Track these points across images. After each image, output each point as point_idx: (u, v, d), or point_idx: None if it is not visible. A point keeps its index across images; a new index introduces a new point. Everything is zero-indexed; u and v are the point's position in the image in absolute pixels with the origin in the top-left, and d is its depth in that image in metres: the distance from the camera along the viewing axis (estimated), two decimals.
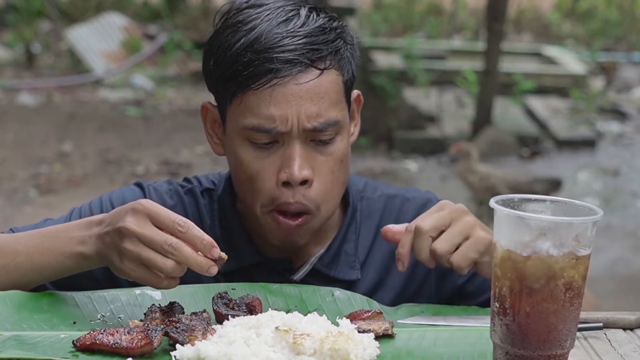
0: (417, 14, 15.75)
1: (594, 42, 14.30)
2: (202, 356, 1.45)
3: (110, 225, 1.60)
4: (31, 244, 1.68)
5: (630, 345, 1.61)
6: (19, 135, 9.30)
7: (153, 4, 15.51)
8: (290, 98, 1.74)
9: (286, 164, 1.75)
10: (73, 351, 1.49)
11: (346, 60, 1.81)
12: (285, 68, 1.73)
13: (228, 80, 1.77)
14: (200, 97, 11.14)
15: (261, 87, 1.74)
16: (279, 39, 1.74)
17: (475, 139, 9.13)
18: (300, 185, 1.76)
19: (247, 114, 1.76)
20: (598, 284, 5.98)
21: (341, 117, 1.79)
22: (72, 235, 1.65)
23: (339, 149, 1.79)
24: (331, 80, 1.77)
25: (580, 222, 1.40)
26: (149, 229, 1.56)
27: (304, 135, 1.75)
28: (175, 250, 1.55)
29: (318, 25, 1.78)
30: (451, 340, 1.59)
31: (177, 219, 1.56)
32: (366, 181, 2.02)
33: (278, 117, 1.74)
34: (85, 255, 1.64)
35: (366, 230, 1.94)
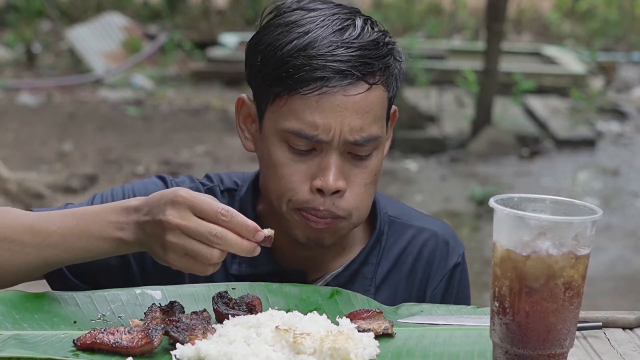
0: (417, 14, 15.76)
1: (594, 42, 14.31)
2: (202, 355, 1.45)
3: (150, 215, 1.59)
4: (65, 225, 1.65)
5: (629, 345, 1.62)
6: (19, 135, 9.30)
7: (153, 4, 15.52)
8: (337, 109, 1.72)
9: (322, 172, 1.74)
10: (73, 350, 1.49)
11: (394, 77, 1.80)
12: (336, 78, 1.71)
13: (274, 80, 1.75)
14: (200, 97, 11.15)
15: (309, 93, 1.72)
16: (334, 47, 1.72)
17: (475, 139, 9.14)
18: (333, 194, 1.75)
19: (290, 117, 1.74)
20: (598, 283, 5.98)
21: (381, 132, 1.78)
22: (110, 220, 1.63)
23: (374, 164, 1.79)
24: (378, 96, 1.76)
25: (579, 222, 1.40)
26: (191, 221, 1.55)
27: (343, 147, 1.74)
28: (221, 239, 1.55)
29: (372, 39, 1.76)
30: (451, 340, 1.59)
31: (219, 208, 1.56)
32: (400, 206, 2.01)
33: (321, 126, 1.72)
34: (124, 241, 1.63)
35: (389, 255, 1.92)
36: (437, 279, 1.92)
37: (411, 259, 1.93)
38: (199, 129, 9.78)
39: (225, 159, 8.65)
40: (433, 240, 1.94)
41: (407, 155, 8.90)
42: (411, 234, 1.95)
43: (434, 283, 1.92)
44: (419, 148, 9.03)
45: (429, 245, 1.94)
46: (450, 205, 7.66)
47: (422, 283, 1.92)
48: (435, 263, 1.93)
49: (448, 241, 1.95)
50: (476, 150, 9.04)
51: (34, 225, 1.67)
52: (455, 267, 1.94)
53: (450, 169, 8.69)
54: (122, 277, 1.84)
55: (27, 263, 1.67)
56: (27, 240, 1.66)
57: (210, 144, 9.18)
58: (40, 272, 1.72)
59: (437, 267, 1.93)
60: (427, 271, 1.93)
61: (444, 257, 1.94)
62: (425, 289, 1.92)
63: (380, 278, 1.90)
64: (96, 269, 1.82)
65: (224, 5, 15.78)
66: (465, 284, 1.97)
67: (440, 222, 2.00)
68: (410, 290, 1.91)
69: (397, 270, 1.92)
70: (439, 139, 9.21)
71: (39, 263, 1.67)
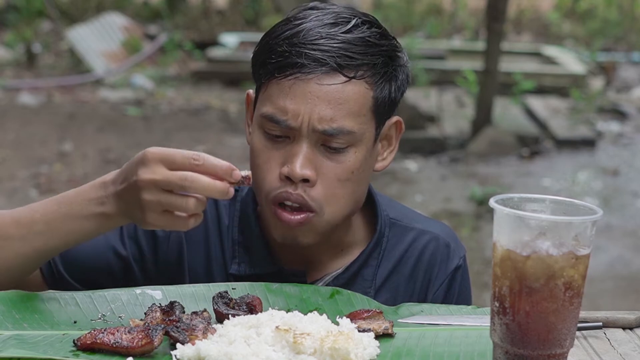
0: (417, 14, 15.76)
1: (594, 42, 14.31)
2: (202, 355, 1.45)
3: (126, 181, 1.59)
4: (48, 211, 1.65)
5: (629, 345, 1.62)
6: (19, 135, 9.30)
7: (153, 4, 15.52)
8: (308, 95, 1.73)
9: (290, 159, 1.74)
10: (74, 350, 1.49)
11: (382, 78, 1.78)
12: (311, 65, 1.72)
13: (261, 66, 1.79)
14: (200, 97, 11.15)
15: (284, 78, 1.74)
16: (317, 37, 1.74)
17: (475, 139, 9.14)
18: (302, 182, 1.75)
19: (266, 102, 1.77)
20: (598, 283, 5.98)
21: (358, 129, 1.76)
22: (90, 197, 1.62)
23: (350, 160, 1.77)
24: (357, 91, 1.75)
25: (579, 222, 1.40)
26: (163, 173, 1.56)
27: (314, 137, 1.74)
28: (192, 182, 1.54)
29: (362, 36, 1.76)
30: (451, 340, 1.59)
31: (189, 154, 1.56)
32: (401, 208, 2.00)
33: (291, 111, 1.73)
34: (106, 215, 1.62)
35: (390, 257, 1.92)
36: (438, 282, 1.92)
37: (412, 261, 1.92)
38: (199, 129, 9.78)
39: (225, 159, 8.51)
40: (434, 243, 1.94)
41: (407, 155, 8.90)
42: (412, 236, 1.94)
43: (435, 286, 1.92)
44: (419, 148, 9.03)
45: (430, 248, 1.93)
46: (450, 205, 7.66)
47: (423, 286, 1.92)
48: (436, 266, 1.93)
49: (449, 244, 1.95)
50: (476, 150, 9.04)
51: (18, 218, 1.67)
52: (456, 269, 1.94)
53: (450, 169, 8.68)
54: (124, 279, 1.84)
55: (16, 255, 1.67)
56: (12, 233, 1.66)
57: (210, 144, 9.18)
58: (34, 263, 1.71)
59: (438, 270, 1.93)
60: (428, 274, 1.92)
61: (445, 260, 1.93)
62: (427, 292, 1.92)
63: (381, 280, 1.90)
64: (97, 273, 1.83)
65: (224, 5, 15.79)
66: (467, 286, 1.97)
67: (441, 225, 2.00)
68: (410, 293, 1.91)
69: (398, 272, 1.91)
70: (439, 139, 9.21)
71: (29, 253, 1.66)
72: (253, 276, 1.84)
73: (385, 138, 1.87)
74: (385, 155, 1.89)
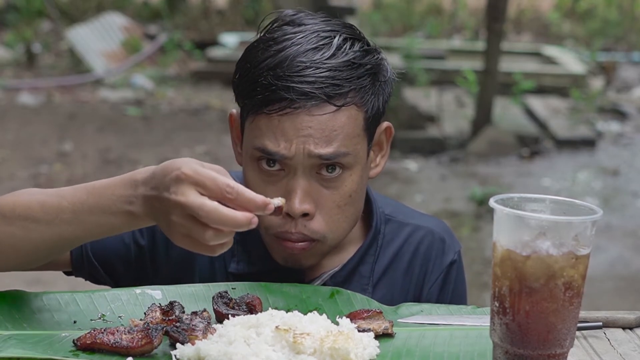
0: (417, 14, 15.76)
1: (594, 42, 14.31)
2: (202, 355, 1.45)
3: (156, 190, 1.51)
4: (77, 200, 1.59)
5: (629, 345, 1.62)
6: (19, 135, 9.30)
7: (153, 4, 15.52)
8: (300, 128, 1.71)
9: (288, 196, 1.72)
10: (73, 350, 1.49)
11: (371, 97, 1.76)
12: (300, 100, 1.70)
13: (246, 97, 1.76)
14: (200, 97, 11.16)
15: (273, 112, 1.71)
16: (301, 68, 1.70)
17: (475, 139, 9.14)
18: (302, 217, 1.74)
19: (257, 135, 1.74)
20: (598, 283, 5.98)
21: (352, 150, 1.75)
22: (119, 194, 1.56)
23: (347, 185, 1.76)
24: (349, 116, 1.73)
25: (579, 222, 1.40)
26: (190, 198, 1.46)
27: (309, 167, 1.73)
28: (208, 214, 1.44)
29: (347, 59, 1.73)
30: (451, 340, 1.59)
31: (224, 185, 1.46)
32: (396, 205, 2.00)
33: (283, 144, 1.71)
34: (134, 215, 1.56)
35: (386, 253, 1.93)
36: (434, 276, 1.93)
37: (408, 256, 1.93)
38: (199, 129, 9.79)
39: (225, 159, 8.65)
40: (429, 237, 1.95)
41: (407, 155, 8.90)
42: (407, 232, 1.95)
43: (431, 280, 1.93)
44: (419, 148, 9.03)
45: (425, 242, 1.94)
46: (450, 205, 7.66)
47: (419, 281, 1.93)
48: (431, 260, 1.94)
49: (444, 238, 1.96)
50: (476, 150, 9.04)
51: (46, 202, 1.62)
52: (451, 264, 1.95)
53: (450, 169, 8.68)
54: (136, 268, 1.86)
55: (42, 240, 1.63)
56: (40, 217, 1.62)
57: (210, 144, 9.19)
58: (60, 249, 1.67)
59: (433, 265, 1.94)
60: (424, 269, 1.93)
61: (440, 255, 1.94)
62: (422, 286, 1.93)
63: (378, 276, 1.91)
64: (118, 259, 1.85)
65: (224, 5, 15.79)
66: (462, 281, 1.98)
67: (436, 220, 2.01)
68: (407, 288, 1.92)
69: (394, 268, 1.92)
70: (439, 139, 9.21)
71: (55, 239, 1.62)
72: (251, 274, 1.85)
73: (376, 144, 1.87)
74: (378, 160, 1.89)
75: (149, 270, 1.87)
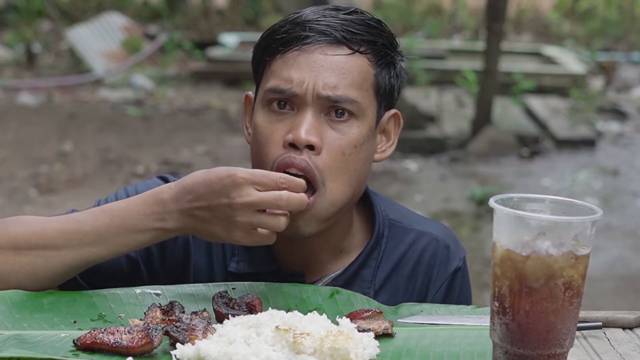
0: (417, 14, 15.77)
1: (594, 42, 14.31)
2: (202, 355, 1.45)
3: (203, 200, 1.65)
4: (100, 224, 1.69)
5: (629, 345, 1.62)
6: (19, 135, 9.30)
7: (153, 4, 15.52)
8: (313, 64, 1.76)
9: (295, 127, 1.75)
10: (74, 350, 1.49)
11: (383, 58, 1.82)
12: (315, 37, 1.77)
13: (264, 51, 1.82)
14: (200, 97, 11.15)
15: (288, 51, 1.77)
16: (319, 16, 1.80)
17: (475, 139, 9.14)
18: (307, 149, 1.75)
19: (270, 78, 1.79)
20: (597, 283, 5.98)
21: (361, 100, 1.78)
22: (146, 213, 1.67)
23: (354, 133, 1.78)
24: (360, 64, 1.79)
25: (579, 222, 1.40)
26: (258, 195, 1.63)
27: (318, 105, 1.76)
28: (288, 201, 1.64)
29: (363, 18, 1.82)
30: (451, 340, 1.59)
31: (277, 177, 1.65)
32: (401, 209, 2.00)
33: (296, 79, 1.76)
34: (166, 230, 1.68)
35: (389, 258, 1.92)
36: (438, 283, 1.92)
37: (412, 263, 1.92)
38: (199, 129, 9.78)
39: (225, 159, 8.65)
40: (434, 244, 1.94)
41: (407, 155, 8.90)
42: (412, 237, 1.94)
43: (435, 287, 1.92)
44: (419, 148, 9.03)
45: (430, 249, 1.93)
46: (450, 205, 7.66)
47: (423, 287, 1.92)
48: (435, 267, 1.93)
49: (449, 245, 1.95)
50: (476, 150, 9.04)
51: (65, 229, 1.69)
52: (456, 271, 1.94)
53: (450, 169, 8.68)
54: (131, 280, 1.84)
55: (64, 265, 1.69)
56: (60, 244, 1.68)
57: (210, 144, 9.18)
58: (78, 271, 1.73)
59: (437, 272, 1.93)
60: (428, 275, 1.92)
61: (444, 262, 1.93)
62: (426, 293, 1.92)
63: (380, 281, 1.90)
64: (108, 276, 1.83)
65: (224, 5, 15.79)
66: (467, 288, 1.97)
67: (441, 226, 2.00)
68: (410, 295, 1.90)
69: (397, 274, 1.91)
70: (439, 139, 9.21)
71: (77, 262, 1.70)
72: (251, 275, 1.84)
73: (384, 132, 1.88)
74: (385, 148, 1.90)
75: (146, 279, 1.86)
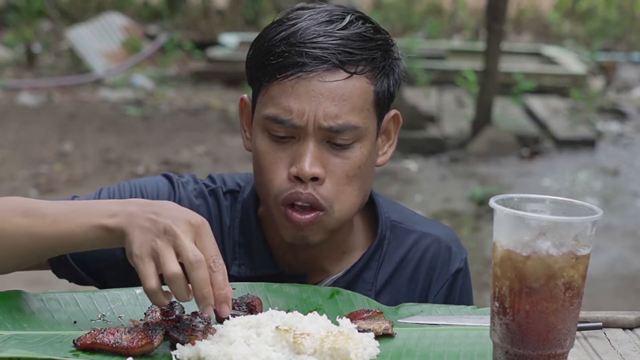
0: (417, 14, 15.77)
1: (594, 42, 14.31)
2: (202, 356, 1.45)
3: (159, 216, 1.53)
4: (59, 211, 1.62)
5: (629, 345, 1.62)
6: (19, 135, 9.30)
7: (153, 4, 15.53)
8: (312, 94, 1.73)
9: (298, 159, 1.74)
10: (73, 350, 1.49)
11: (381, 72, 1.79)
12: (312, 64, 1.73)
13: (259, 69, 1.78)
14: (200, 97, 11.15)
15: (286, 78, 1.73)
16: (315, 36, 1.74)
17: (475, 139, 9.14)
18: (312, 181, 1.74)
19: (268, 104, 1.76)
20: (598, 283, 5.98)
21: (362, 124, 1.76)
22: (108, 208, 1.59)
23: (357, 156, 1.77)
24: (359, 86, 1.75)
25: (580, 222, 1.40)
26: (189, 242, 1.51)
27: (320, 134, 1.74)
28: (197, 269, 1.49)
29: (358, 31, 1.77)
30: (451, 340, 1.59)
31: (216, 256, 1.52)
32: (403, 211, 1.99)
33: (295, 110, 1.73)
34: (108, 228, 1.57)
35: (390, 259, 1.91)
36: (439, 284, 1.92)
37: (413, 264, 1.92)
38: (199, 129, 9.78)
39: (225, 159, 8.65)
40: (435, 245, 1.94)
41: (407, 155, 8.90)
42: (413, 239, 1.94)
43: (436, 289, 1.92)
44: (419, 148, 9.03)
45: (431, 250, 1.93)
46: (450, 205, 7.66)
47: (424, 289, 1.92)
48: (437, 268, 1.92)
49: (450, 246, 1.94)
50: (476, 150, 9.04)
51: (29, 210, 1.64)
52: (457, 272, 1.94)
53: (450, 169, 8.68)
54: (126, 272, 1.84)
55: (16, 246, 1.63)
56: (19, 223, 1.62)
57: (210, 144, 9.18)
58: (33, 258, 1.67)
59: (439, 273, 1.92)
60: (429, 277, 1.92)
61: (446, 263, 1.93)
62: (427, 294, 1.92)
63: (381, 283, 1.90)
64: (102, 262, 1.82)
65: (224, 5, 15.79)
66: (468, 289, 1.96)
67: (443, 227, 2.00)
68: (412, 296, 1.90)
69: (399, 275, 1.91)
70: (439, 139, 9.21)
71: (29, 247, 1.63)
72: (253, 278, 1.84)
73: (384, 132, 1.88)
74: (386, 149, 1.89)
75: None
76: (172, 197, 1.89)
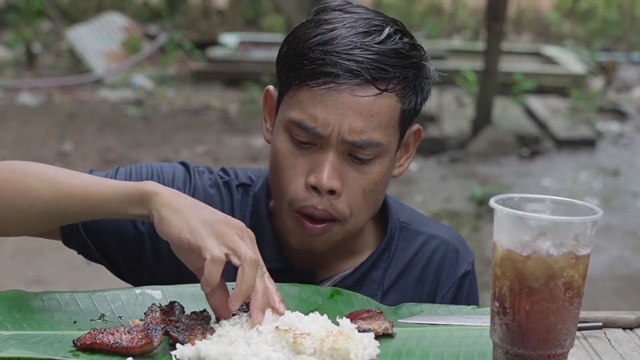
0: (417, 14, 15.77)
1: (594, 42, 14.32)
2: (202, 355, 1.45)
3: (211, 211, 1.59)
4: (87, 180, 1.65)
5: (629, 345, 1.62)
6: (19, 135, 9.30)
7: (153, 4, 15.53)
8: (340, 106, 1.71)
9: (317, 169, 1.74)
10: (73, 350, 1.49)
11: (411, 90, 1.77)
12: (345, 76, 1.71)
13: (290, 69, 1.76)
14: (200, 97, 11.16)
15: (316, 86, 1.72)
16: (351, 47, 1.72)
17: (475, 139, 9.14)
18: (328, 193, 1.75)
19: (295, 108, 1.75)
20: (598, 283, 5.98)
21: (385, 141, 1.76)
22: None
23: (375, 172, 1.77)
24: (388, 104, 1.74)
25: (580, 222, 1.40)
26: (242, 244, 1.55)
27: (342, 147, 1.73)
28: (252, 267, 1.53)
29: (395, 47, 1.75)
30: (451, 340, 1.59)
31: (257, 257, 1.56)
32: (411, 212, 2.00)
33: (321, 119, 1.72)
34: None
35: (399, 260, 1.92)
36: (447, 286, 1.92)
37: (421, 265, 1.93)
38: (199, 129, 9.79)
39: (225, 158, 8.65)
40: (443, 247, 1.94)
41: None
42: (421, 240, 1.94)
43: (443, 290, 1.92)
44: (419, 148, 8.94)
45: (439, 252, 1.94)
46: (450, 205, 7.66)
47: (431, 290, 1.92)
48: (444, 270, 1.93)
49: (458, 249, 1.95)
50: (476, 150, 9.04)
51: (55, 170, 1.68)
52: (464, 275, 1.94)
53: (450, 169, 8.68)
54: (134, 252, 1.84)
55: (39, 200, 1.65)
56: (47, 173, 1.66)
57: (210, 144, 9.19)
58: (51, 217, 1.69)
59: (446, 275, 1.93)
60: (437, 278, 1.93)
61: (453, 265, 1.93)
62: (434, 296, 1.92)
63: (389, 283, 1.90)
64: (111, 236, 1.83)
65: (224, 5, 15.79)
66: (474, 292, 1.97)
67: (451, 230, 2.00)
68: (419, 297, 1.91)
69: (406, 276, 1.92)
70: (439, 139, 9.21)
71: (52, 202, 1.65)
72: None
73: (404, 145, 1.87)
74: (402, 161, 1.89)
75: (149, 256, 1.85)
76: (188, 183, 1.89)
